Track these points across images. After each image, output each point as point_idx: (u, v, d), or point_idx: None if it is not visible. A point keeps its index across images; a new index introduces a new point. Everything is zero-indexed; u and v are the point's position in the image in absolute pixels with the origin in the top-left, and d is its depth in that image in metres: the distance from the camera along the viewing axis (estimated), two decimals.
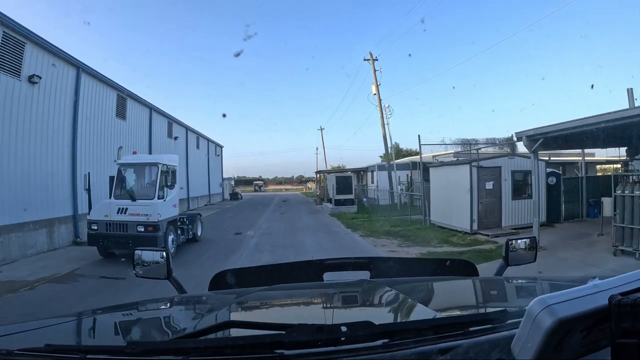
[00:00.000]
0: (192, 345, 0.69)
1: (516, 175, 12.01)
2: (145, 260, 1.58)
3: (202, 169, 29.79)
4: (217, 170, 36.24)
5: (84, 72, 12.17)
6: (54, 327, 1.02)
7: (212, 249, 9.58)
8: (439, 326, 0.77)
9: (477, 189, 11.24)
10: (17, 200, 8.90)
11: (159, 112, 20.59)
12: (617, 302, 0.53)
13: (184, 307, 1.41)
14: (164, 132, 21.68)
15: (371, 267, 1.55)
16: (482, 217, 11.35)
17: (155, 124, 19.90)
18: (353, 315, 1.18)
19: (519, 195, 11.80)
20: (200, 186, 28.56)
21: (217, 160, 36.05)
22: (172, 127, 22.88)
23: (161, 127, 21.12)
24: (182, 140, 24.76)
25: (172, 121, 22.95)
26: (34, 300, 5.71)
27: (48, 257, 9.09)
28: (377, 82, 22.65)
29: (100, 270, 7.58)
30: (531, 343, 0.56)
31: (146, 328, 1.16)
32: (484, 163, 11.51)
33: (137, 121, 17.66)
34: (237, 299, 1.30)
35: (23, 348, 0.73)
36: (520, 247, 1.58)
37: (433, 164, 13.50)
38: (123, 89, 15.68)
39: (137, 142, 17.53)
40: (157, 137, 20.29)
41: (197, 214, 11.91)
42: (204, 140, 31.33)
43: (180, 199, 23.42)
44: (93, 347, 0.78)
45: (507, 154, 12.04)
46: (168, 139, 22.22)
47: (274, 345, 0.70)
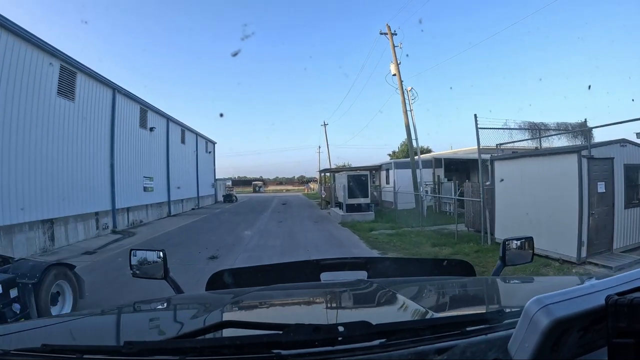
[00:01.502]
0: (189, 345, 0.70)
1: (630, 172, 7.94)
2: (141, 260, 1.57)
3: (188, 168, 25.73)
4: (209, 169, 32.18)
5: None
6: (50, 327, 1.06)
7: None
8: (436, 326, 0.77)
9: (587, 192, 7.09)
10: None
11: (127, 95, 16.47)
12: (614, 302, 0.53)
13: (181, 307, 1.38)
14: (135, 120, 17.58)
15: (368, 267, 1.59)
16: (592, 237, 7.21)
17: (121, 110, 15.83)
18: (350, 315, 1.17)
19: (632, 201, 7.79)
20: (186, 187, 24.58)
21: (208, 158, 31.98)
22: (146, 116, 18.78)
23: (130, 114, 17.03)
24: (160, 132, 20.67)
25: (147, 108, 18.83)
26: None
27: None
28: (396, 60, 18.50)
29: None
30: (528, 343, 0.56)
31: (143, 328, 1.14)
32: (595, 152, 7.37)
33: (92, 104, 13.56)
34: (234, 299, 1.30)
35: (20, 348, 0.73)
36: (518, 247, 1.59)
37: (499, 156, 9.43)
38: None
39: (92, 132, 13.46)
40: (124, 126, 16.27)
41: (49, 266, 4.53)
42: (192, 134, 27.27)
43: (159, 202, 19.43)
44: (89, 347, 0.76)
45: (608, 143, 8.01)
46: (141, 129, 18.13)
47: (271, 345, 0.69)
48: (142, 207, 17.80)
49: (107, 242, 12.20)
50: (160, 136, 20.62)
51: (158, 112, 20.44)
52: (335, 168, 26.80)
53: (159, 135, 20.53)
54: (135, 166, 17.32)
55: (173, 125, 22.90)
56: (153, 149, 19.54)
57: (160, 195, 20.15)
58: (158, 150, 20.29)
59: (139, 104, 18.02)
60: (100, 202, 13.91)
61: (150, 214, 18.70)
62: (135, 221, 16.98)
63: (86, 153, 12.91)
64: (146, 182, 18.47)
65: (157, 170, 20.00)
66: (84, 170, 12.72)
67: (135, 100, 17.49)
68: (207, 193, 31.22)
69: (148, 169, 18.76)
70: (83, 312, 1.27)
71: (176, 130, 23.54)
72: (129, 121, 16.81)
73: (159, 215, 19.86)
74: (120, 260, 8.01)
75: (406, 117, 18.13)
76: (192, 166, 27.02)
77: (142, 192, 17.91)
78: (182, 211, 23.51)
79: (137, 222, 17.19)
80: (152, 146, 19.37)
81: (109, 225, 14.67)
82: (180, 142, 24.22)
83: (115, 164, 15.07)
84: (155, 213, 19.35)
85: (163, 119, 21.23)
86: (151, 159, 19.21)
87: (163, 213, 20.53)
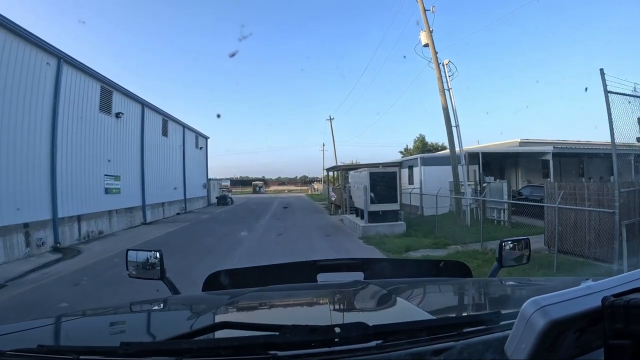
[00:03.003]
0: (186, 346, 0.69)
1: None
2: (138, 261, 1.56)
3: (172, 165, 21.75)
4: (199, 167, 28.22)
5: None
6: (46, 327, 1.04)
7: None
8: (432, 327, 0.77)
9: None
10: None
11: (80, 68, 12.58)
12: (610, 303, 0.53)
13: (178, 308, 1.38)
14: (93, 102, 13.60)
15: (365, 268, 1.58)
16: None
17: (70, 87, 11.97)
18: (347, 316, 1.16)
19: None
20: (169, 188, 20.60)
21: (198, 154, 28.00)
22: (110, 98, 14.82)
23: (85, 93, 13.11)
24: (132, 120, 16.70)
25: (111, 88, 14.88)
26: None
27: None
28: (428, 26, 14.63)
29: None
30: (525, 344, 0.56)
31: (139, 329, 1.13)
32: None
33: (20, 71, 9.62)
34: (231, 300, 1.29)
35: (15, 349, 0.72)
36: (514, 248, 1.59)
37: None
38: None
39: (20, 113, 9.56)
40: (75, 108, 12.37)
41: None
42: (177, 126, 23.27)
43: (129, 207, 15.36)
44: (86, 347, 0.75)
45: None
46: (102, 114, 14.15)
47: (267, 346, 0.69)
48: (102, 214, 13.88)
49: (33, 268, 8.91)
50: (131, 125, 16.65)
51: (129, 95, 16.45)
52: (349, 165, 22.47)
53: (131, 123, 16.56)
54: (92, 161, 13.44)
55: (151, 113, 18.90)
56: (121, 140, 15.63)
57: (131, 198, 16.20)
58: (128, 143, 16.37)
59: (100, 82, 14.05)
60: (33, 210, 10.46)
61: (115, 222, 14.76)
62: (91, 233, 13.08)
63: (10, 141, 9.40)
64: (109, 182, 14.53)
65: (127, 168, 16.08)
66: (6, 166, 9.36)
67: (93, 76, 13.54)
68: (198, 195, 27.24)
69: (113, 165, 14.85)
70: (79, 312, 1.22)
71: (155, 120, 19.56)
72: (83, 103, 12.97)
73: (129, 224, 15.91)
74: (37, 301, 5.73)
75: (443, 96, 14.14)
76: (178, 163, 23.06)
77: (102, 195, 14.01)
78: (162, 217, 19.57)
79: (95, 234, 13.30)
80: (119, 137, 15.44)
81: (47, 241, 10.79)
82: (161, 134, 20.25)
83: (58, 157, 11.24)
84: (123, 221, 15.40)
85: (136, 105, 17.24)
86: (118, 153, 15.30)
87: (135, 220, 16.56)
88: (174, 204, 21.93)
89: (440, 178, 17.42)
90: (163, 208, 19.94)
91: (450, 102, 14.11)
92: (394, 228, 11.82)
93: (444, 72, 14.27)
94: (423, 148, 39.20)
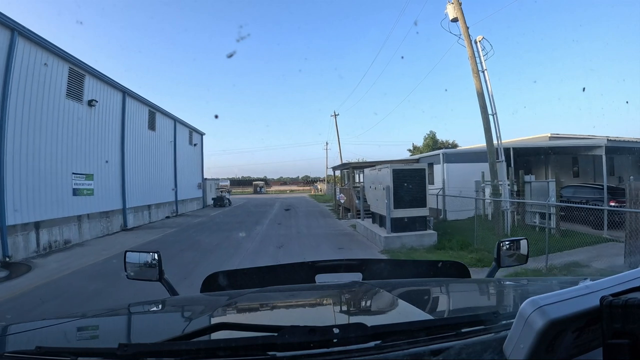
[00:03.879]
0: (184, 347, 0.69)
1: None
2: (136, 262, 1.55)
3: (161, 163, 19.50)
4: (194, 165, 25.98)
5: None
6: (44, 329, 1.02)
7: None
8: (431, 327, 0.76)
9: None
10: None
11: (43, 45, 10.40)
12: (609, 303, 0.53)
13: (176, 309, 1.37)
14: (58, 87, 11.40)
15: (363, 269, 1.57)
16: None
17: (25, 65, 9.75)
18: (345, 317, 1.15)
19: None
20: (157, 189, 18.34)
21: (193, 151, 25.75)
22: (82, 82, 12.60)
23: (48, 76, 10.89)
24: (110, 109, 14.44)
25: (83, 71, 12.63)
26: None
27: None
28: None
29: None
30: (523, 344, 0.55)
31: (138, 330, 1.12)
32: None
33: None
34: (229, 301, 1.28)
35: (13, 350, 0.72)
36: (512, 249, 1.57)
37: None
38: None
39: None
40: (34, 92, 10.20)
41: None
42: (167, 120, 20.95)
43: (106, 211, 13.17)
44: (84, 349, 0.75)
45: None
46: (70, 101, 11.90)
47: (266, 347, 0.69)
48: (68, 220, 11.64)
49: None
50: (109, 116, 14.38)
51: (106, 81, 14.16)
52: (360, 162, 19.66)
53: (108, 114, 14.30)
54: (56, 157, 11.18)
55: (134, 103, 16.60)
56: (95, 133, 13.37)
57: (108, 200, 13.94)
58: (105, 136, 14.09)
59: (68, 63, 11.79)
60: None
61: (86, 229, 12.51)
62: (53, 243, 10.90)
63: None
64: (79, 182, 12.29)
65: (104, 165, 13.83)
66: None
67: (59, 55, 11.27)
68: (192, 196, 25.00)
69: (84, 161, 12.63)
70: (77, 314, 1.16)
71: (140, 111, 17.25)
72: (44, 85, 10.76)
73: (105, 230, 13.66)
74: None
75: (478, 79, 11.85)
76: (168, 161, 20.78)
77: (69, 198, 11.78)
78: (148, 221, 17.32)
79: (59, 244, 11.09)
80: (92, 129, 13.19)
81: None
82: (147, 128, 17.95)
83: (7, 150, 9.16)
84: (97, 228, 13.14)
85: (115, 92, 14.94)
86: (91, 148, 13.05)
87: (114, 226, 14.30)
88: (163, 206, 19.66)
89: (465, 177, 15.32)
90: (149, 211, 17.65)
91: (486, 85, 11.80)
92: (423, 239, 9.51)
93: (477, 50, 11.95)
94: (434, 146, 36.86)
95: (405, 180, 9.76)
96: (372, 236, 10.62)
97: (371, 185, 11.78)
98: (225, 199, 28.30)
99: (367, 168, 13.12)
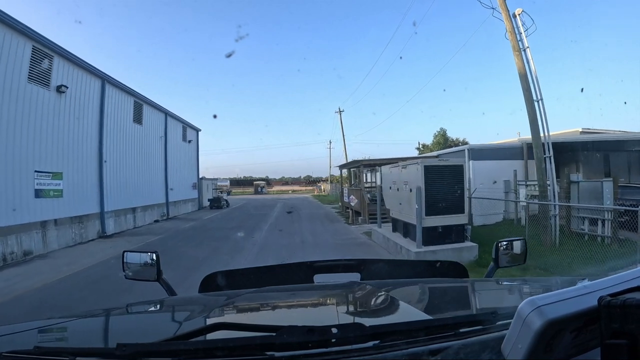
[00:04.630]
0: (183, 347, 0.68)
1: None
2: (134, 262, 1.53)
3: (149, 160, 17.58)
4: (188, 164, 24.08)
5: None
6: (43, 329, 1.02)
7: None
8: (429, 327, 0.76)
9: None
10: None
11: None
12: (607, 303, 0.53)
13: (174, 309, 1.35)
14: (19, 68, 9.50)
15: (362, 269, 1.56)
16: None
17: None
18: (343, 317, 1.14)
19: None
20: (146, 189, 16.39)
21: (187, 149, 23.85)
22: (49, 66, 10.67)
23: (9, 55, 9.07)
24: (85, 97, 12.50)
25: (52, 52, 10.70)
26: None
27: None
28: None
29: None
30: (521, 344, 0.55)
31: (136, 330, 1.11)
32: None
33: None
34: (228, 301, 1.27)
35: (12, 350, 0.71)
36: (510, 249, 1.55)
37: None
38: None
39: None
40: None
41: None
42: (156, 113, 18.95)
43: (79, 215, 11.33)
44: (82, 349, 0.73)
45: None
46: (32, 85, 9.97)
47: (264, 347, 0.68)
48: (30, 226, 9.74)
49: None
50: (84, 105, 12.44)
51: (81, 66, 12.21)
52: (375, 159, 17.11)
53: (83, 103, 12.36)
54: (16, 151, 9.37)
55: (116, 92, 14.57)
56: (66, 124, 11.42)
57: (81, 203, 12.00)
58: (79, 128, 12.13)
59: (32, 41, 9.90)
60: None
61: (53, 237, 10.59)
62: (10, 255, 9.05)
63: None
64: (44, 181, 10.39)
65: (76, 162, 11.90)
66: None
67: (20, 31, 9.37)
68: (186, 197, 23.06)
69: (51, 157, 10.73)
70: (76, 314, 1.17)
71: (123, 102, 15.24)
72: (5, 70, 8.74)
73: (78, 238, 11.72)
74: None
75: (519, 58, 9.96)
76: (157, 158, 18.80)
77: (31, 200, 9.89)
78: (133, 226, 15.39)
79: (16, 257, 9.24)
80: (62, 119, 11.25)
81: None
82: (132, 121, 15.97)
83: None
84: (67, 235, 11.21)
85: (92, 79, 12.94)
86: (60, 141, 11.12)
87: (89, 233, 12.35)
88: (152, 208, 17.69)
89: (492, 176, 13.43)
90: (134, 215, 15.68)
91: (529, 66, 9.86)
92: (461, 253, 7.53)
93: (516, 25, 10.01)
94: (444, 143, 34.85)
95: (439, 180, 7.82)
96: (396, 249, 8.65)
97: (392, 185, 9.82)
98: (223, 200, 26.38)
99: (385, 165, 11.12)
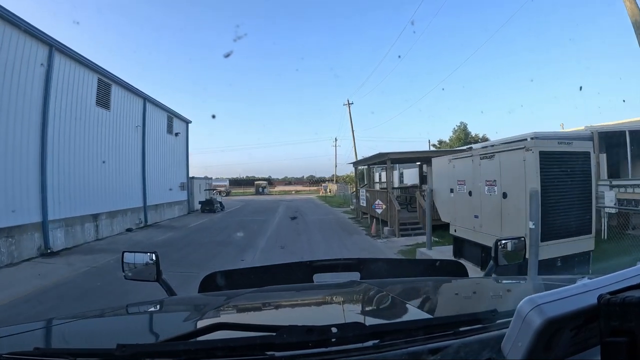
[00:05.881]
0: (182, 348, 0.68)
1: None
2: (134, 262, 1.53)
3: (121, 155, 14.30)
4: (177, 160, 20.75)
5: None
6: (42, 330, 1.02)
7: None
8: (429, 326, 0.76)
9: None
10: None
11: None
12: (606, 301, 0.53)
13: (174, 310, 1.36)
14: None
15: (361, 268, 1.55)
16: None
17: None
18: (343, 316, 1.14)
19: None
20: (116, 191, 13.13)
21: (174, 142, 20.49)
22: None
23: None
24: (23, 69, 9.23)
25: None
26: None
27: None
28: None
29: None
30: (521, 342, 0.55)
31: (136, 330, 1.11)
32: None
33: None
34: (227, 301, 1.27)
35: (11, 351, 0.71)
36: (509, 247, 1.55)
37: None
38: None
39: None
40: None
41: None
42: (131, 97, 15.42)
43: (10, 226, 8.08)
44: (82, 350, 0.74)
45: None
46: None
47: (264, 346, 0.68)
48: None
49: None
50: (20, 79, 9.18)
51: (14, 23, 8.99)
52: (407, 152, 13.31)
53: (19, 75, 9.10)
54: None
55: (70, 64, 11.14)
56: None
57: (10, 210, 8.72)
58: (11, 109, 8.87)
59: None
60: None
61: None
62: None
63: None
64: None
65: (5, 156, 8.59)
66: None
67: None
68: (171, 199, 19.69)
69: None
70: (75, 314, 1.16)
71: (82, 78, 11.83)
72: None
73: (5, 259, 8.43)
74: None
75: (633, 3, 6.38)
76: (132, 153, 15.48)
77: None
78: (94, 238, 12.06)
79: None
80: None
81: None
82: (95, 104, 12.66)
83: None
84: None
85: (32, 42, 9.66)
86: None
87: (23, 251, 9.09)
88: (123, 214, 14.26)
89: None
90: (96, 223, 12.33)
91: None
92: None
93: None
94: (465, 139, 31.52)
95: (560, 177, 4.57)
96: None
97: (454, 187, 6.57)
98: (217, 202, 23.09)
99: (443, 157, 7.69)
